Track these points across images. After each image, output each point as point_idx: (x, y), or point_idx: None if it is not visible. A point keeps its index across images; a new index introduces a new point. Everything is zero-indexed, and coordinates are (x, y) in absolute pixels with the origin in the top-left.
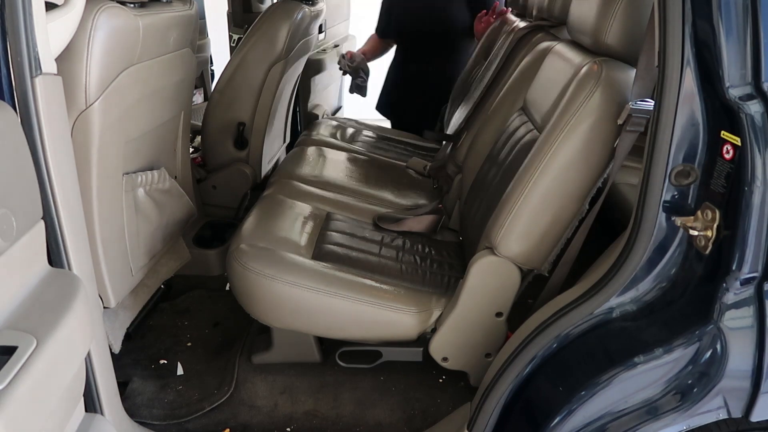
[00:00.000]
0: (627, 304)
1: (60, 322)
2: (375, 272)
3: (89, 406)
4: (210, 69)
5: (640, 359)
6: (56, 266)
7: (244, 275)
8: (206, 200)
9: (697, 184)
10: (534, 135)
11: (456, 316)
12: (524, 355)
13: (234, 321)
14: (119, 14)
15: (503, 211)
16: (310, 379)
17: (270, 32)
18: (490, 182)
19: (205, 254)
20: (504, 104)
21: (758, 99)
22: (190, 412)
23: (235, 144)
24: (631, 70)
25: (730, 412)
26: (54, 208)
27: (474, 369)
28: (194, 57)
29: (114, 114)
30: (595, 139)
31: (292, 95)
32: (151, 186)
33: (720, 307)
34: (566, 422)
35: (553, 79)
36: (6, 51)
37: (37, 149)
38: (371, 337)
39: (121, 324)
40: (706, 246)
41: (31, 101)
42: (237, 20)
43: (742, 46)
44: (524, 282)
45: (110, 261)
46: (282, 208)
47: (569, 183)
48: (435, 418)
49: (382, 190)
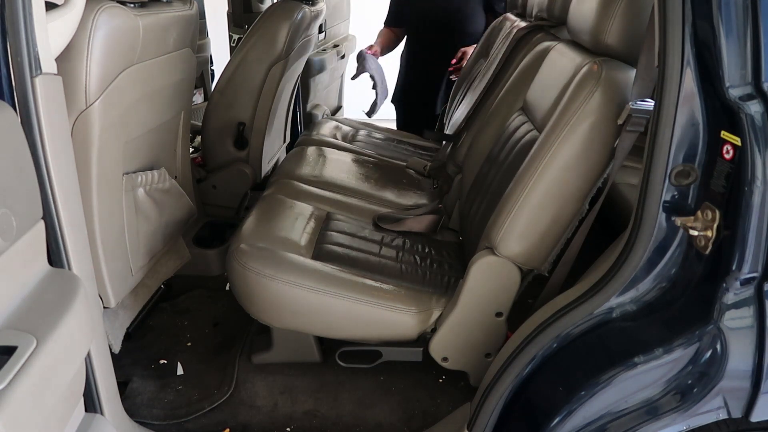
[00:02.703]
0: (627, 304)
1: (60, 322)
2: (375, 272)
3: (89, 406)
4: (210, 69)
5: (640, 359)
6: (56, 266)
7: (244, 275)
8: (206, 200)
9: (697, 184)
10: (534, 135)
11: (456, 316)
12: (524, 355)
13: (234, 321)
14: (119, 14)
15: (503, 211)
16: (310, 379)
17: (270, 32)
18: (490, 182)
19: (205, 254)
20: (504, 104)
21: (758, 99)
22: (190, 412)
23: (235, 144)
24: (631, 70)
25: (730, 412)
26: (54, 208)
27: (474, 369)
28: (194, 57)
29: (114, 114)
30: (595, 139)
31: (292, 95)
32: (151, 186)
33: (720, 307)
34: (566, 422)
35: (553, 79)
36: (6, 51)
37: (37, 149)
38: (371, 337)
39: (121, 324)
40: (706, 246)
41: (31, 101)
42: (237, 20)
43: (742, 46)
44: (524, 282)
45: (110, 261)
46: (282, 208)
47: (569, 183)
48: (435, 418)
49: (382, 190)
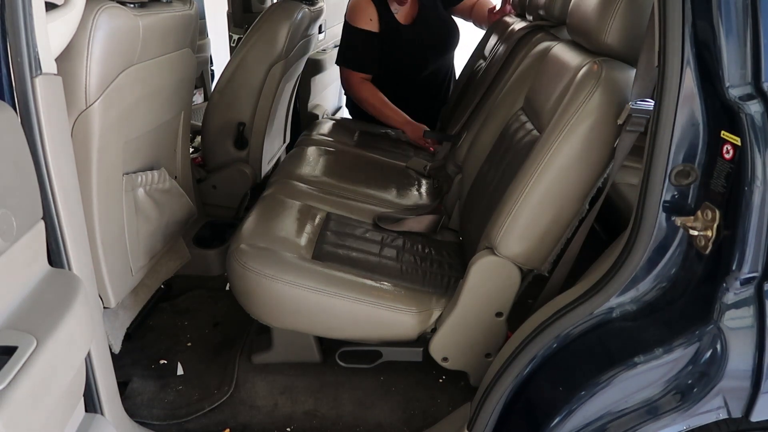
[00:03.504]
0: (627, 304)
1: (60, 322)
2: (375, 272)
3: (89, 406)
4: (210, 69)
5: (640, 359)
6: (56, 266)
7: (244, 275)
8: (206, 200)
9: (697, 184)
10: (534, 135)
11: (456, 316)
12: (524, 355)
13: (234, 321)
14: (119, 14)
15: (503, 211)
16: (310, 379)
17: (270, 32)
18: (490, 182)
19: (205, 254)
20: (504, 104)
21: (758, 99)
22: (190, 412)
23: (235, 144)
24: (631, 70)
25: (730, 412)
26: (54, 208)
27: (474, 369)
28: (194, 57)
29: (114, 114)
30: (595, 139)
31: (292, 95)
32: (151, 186)
33: (720, 307)
34: (566, 422)
35: (553, 79)
36: (6, 51)
37: (37, 149)
38: (371, 337)
39: (121, 324)
40: (706, 246)
41: (31, 101)
42: (237, 20)
43: (742, 46)
44: (524, 282)
45: (110, 261)
46: (282, 208)
47: (569, 183)
48: (435, 418)
49: (382, 190)
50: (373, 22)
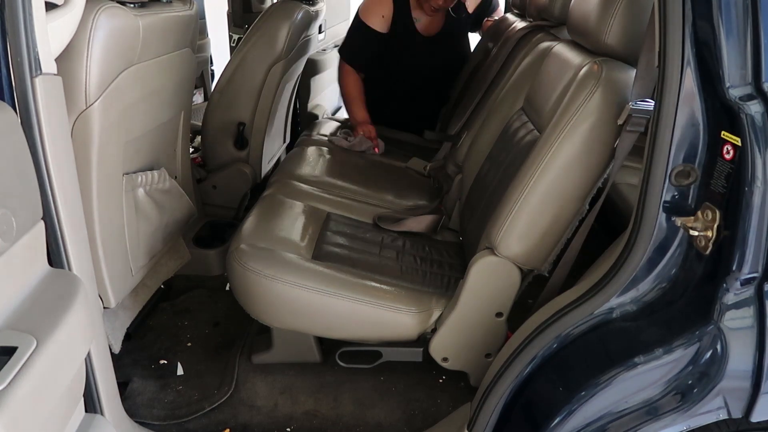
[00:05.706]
0: (627, 305)
1: (60, 322)
2: (375, 272)
3: (89, 406)
4: (210, 69)
5: (640, 359)
6: (56, 266)
7: (244, 275)
8: (206, 200)
9: (697, 184)
10: (534, 135)
11: (456, 316)
12: (524, 356)
13: (234, 321)
14: (119, 14)
15: (503, 211)
16: (310, 379)
17: (270, 32)
18: (490, 182)
19: (205, 254)
20: (504, 104)
21: (758, 99)
22: (190, 412)
23: (235, 144)
24: (631, 70)
25: (730, 412)
26: (54, 208)
27: (474, 369)
28: (194, 57)
29: (114, 114)
30: (595, 139)
31: (292, 95)
32: (151, 186)
33: (720, 308)
34: (566, 422)
35: (553, 80)
36: (6, 51)
37: (37, 149)
38: (371, 337)
39: (121, 324)
40: (706, 246)
41: (31, 101)
42: (237, 20)
43: (742, 46)
44: (524, 282)
45: (110, 261)
46: (282, 208)
47: (569, 183)
48: (435, 418)
49: (382, 191)
50: (384, 20)
